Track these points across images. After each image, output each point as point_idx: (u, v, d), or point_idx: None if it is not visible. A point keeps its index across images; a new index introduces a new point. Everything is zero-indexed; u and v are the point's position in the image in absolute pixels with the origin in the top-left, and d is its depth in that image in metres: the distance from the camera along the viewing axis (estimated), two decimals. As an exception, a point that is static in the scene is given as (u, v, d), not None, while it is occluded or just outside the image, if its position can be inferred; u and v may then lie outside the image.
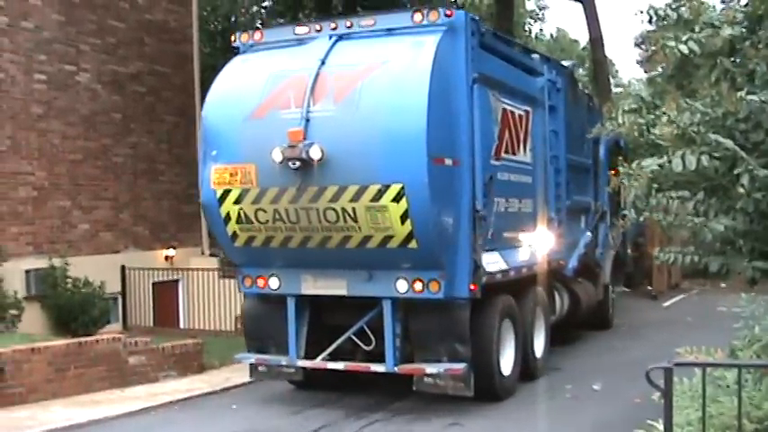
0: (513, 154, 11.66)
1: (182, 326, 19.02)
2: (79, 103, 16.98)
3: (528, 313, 11.71)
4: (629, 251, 19.85)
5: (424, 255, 9.61)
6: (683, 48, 6.50)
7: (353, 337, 10.54)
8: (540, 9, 43.14)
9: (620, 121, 6.99)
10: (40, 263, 15.31)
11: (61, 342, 11.87)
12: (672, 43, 6.57)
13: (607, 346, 14.90)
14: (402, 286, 9.84)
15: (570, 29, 77.41)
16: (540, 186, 12.61)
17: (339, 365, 10.42)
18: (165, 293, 18.88)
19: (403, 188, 9.29)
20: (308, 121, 9.65)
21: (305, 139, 9.54)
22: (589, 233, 15.22)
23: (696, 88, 10.53)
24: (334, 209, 9.66)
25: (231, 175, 10.16)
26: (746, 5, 7.00)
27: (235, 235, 10.44)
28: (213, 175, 10.32)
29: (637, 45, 44.94)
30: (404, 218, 9.37)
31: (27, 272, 15.07)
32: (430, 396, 10.40)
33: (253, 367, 11.02)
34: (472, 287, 9.89)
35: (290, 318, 10.51)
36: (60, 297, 15.25)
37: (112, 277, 17.22)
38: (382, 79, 9.75)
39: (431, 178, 9.33)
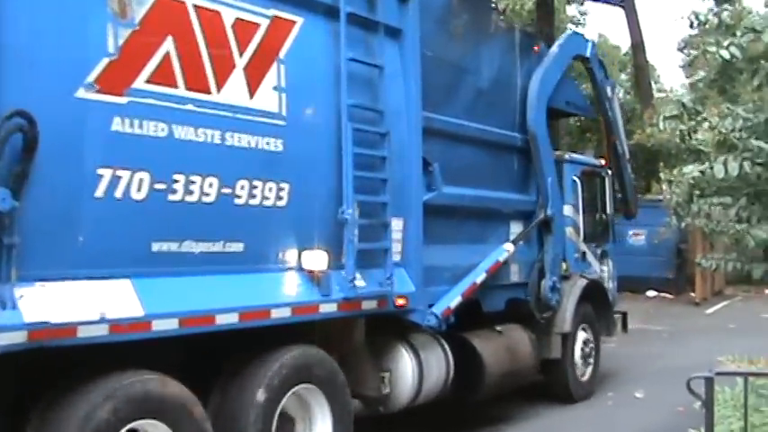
0: (202, 90, 5.87)
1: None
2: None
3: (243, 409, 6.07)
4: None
5: None
6: (725, 53, 6.47)
7: None
8: (582, 14, 42.88)
9: (662, 126, 6.98)
10: None
11: None
12: (713, 48, 6.56)
13: (648, 352, 14.75)
14: None
15: (611, 34, 76.79)
16: (316, 160, 6.78)
17: None
18: None
19: None
20: None
21: None
22: (506, 250, 9.38)
23: (738, 93, 10.50)
24: None
25: None
26: (789, 9, 6.97)
27: None
28: None
29: (679, 50, 44.61)
30: None
31: None
32: None
33: None
34: None
35: None
36: None
37: None
38: None
39: None
